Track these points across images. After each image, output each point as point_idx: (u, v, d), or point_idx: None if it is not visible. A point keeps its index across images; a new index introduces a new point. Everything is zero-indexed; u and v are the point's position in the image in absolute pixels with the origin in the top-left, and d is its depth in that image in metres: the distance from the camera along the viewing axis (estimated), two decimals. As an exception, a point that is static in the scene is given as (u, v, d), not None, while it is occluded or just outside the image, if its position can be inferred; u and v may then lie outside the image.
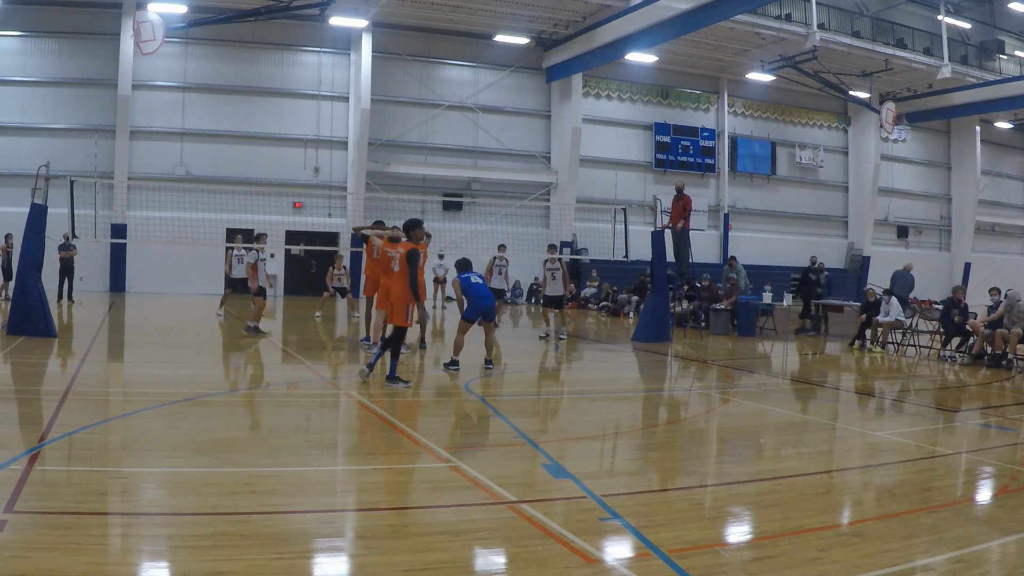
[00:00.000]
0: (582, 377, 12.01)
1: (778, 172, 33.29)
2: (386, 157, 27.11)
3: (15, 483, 4.73)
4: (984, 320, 13.60)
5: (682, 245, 16.73)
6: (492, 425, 7.49)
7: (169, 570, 3.75)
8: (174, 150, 25.16)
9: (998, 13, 32.62)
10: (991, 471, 6.27)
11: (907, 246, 36.16)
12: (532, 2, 25.15)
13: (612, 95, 30.30)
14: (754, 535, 4.61)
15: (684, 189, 17.02)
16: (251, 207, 22.27)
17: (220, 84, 25.56)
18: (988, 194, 37.22)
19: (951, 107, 32.43)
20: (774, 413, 8.61)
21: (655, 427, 8.00)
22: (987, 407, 9.55)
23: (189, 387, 8.53)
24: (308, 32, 26.08)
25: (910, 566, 4.05)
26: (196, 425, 6.92)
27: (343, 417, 7.96)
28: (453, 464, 5.75)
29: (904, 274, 18.36)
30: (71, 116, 24.09)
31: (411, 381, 9.38)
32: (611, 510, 4.75)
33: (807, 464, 6.46)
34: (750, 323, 17.85)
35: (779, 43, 27.11)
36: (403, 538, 4.26)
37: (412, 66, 27.48)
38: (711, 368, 12.44)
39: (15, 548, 3.80)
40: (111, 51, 23.93)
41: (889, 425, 8.33)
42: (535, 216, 28.71)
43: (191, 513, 4.53)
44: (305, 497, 5.03)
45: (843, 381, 11.97)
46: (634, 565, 4.00)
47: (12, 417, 6.98)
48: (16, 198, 20.65)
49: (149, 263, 24.04)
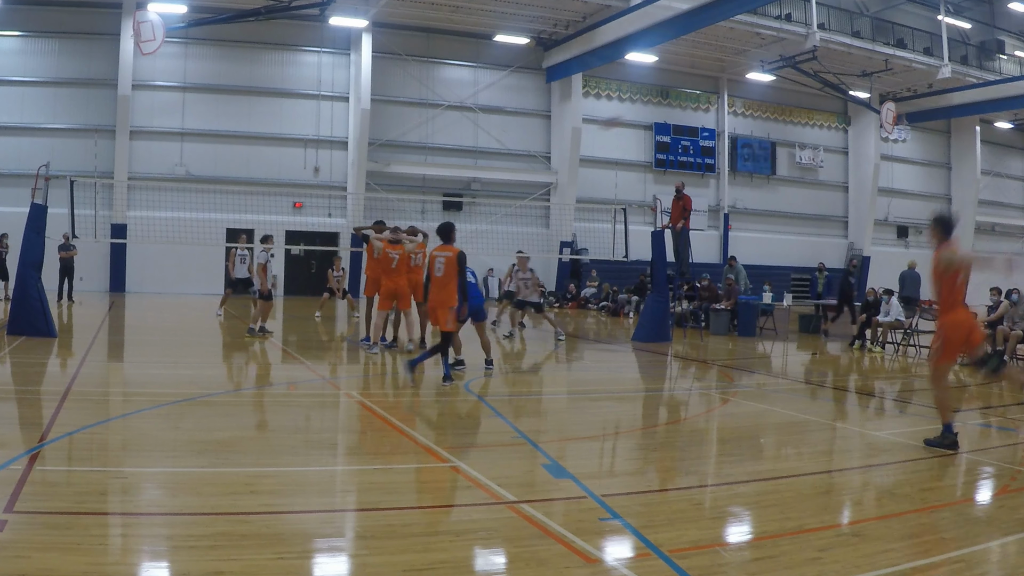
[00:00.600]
0: (582, 377, 12.01)
1: (778, 172, 33.29)
2: (386, 157, 27.11)
3: (15, 483, 4.73)
4: (984, 320, 13.59)
5: (682, 245, 16.73)
6: (492, 425, 7.49)
7: (169, 570, 3.75)
8: (174, 150, 25.16)
9: (998, 13, 32.61)
10: (991, 471, 6.27)
11: (907, 246, 36.14)
12: (532, 2, 25.15)
13: (612, 95, 30.29)
14: (754, 535, 4.61)
15: (684, 189, 17.02)
16: (251, 207, 22.29)
17: (220, 84, 25.56)
18: (988, 194, 37.21)
19: (951, 107, 32.42)
20: (774, 413, 8.61)
21: (655, 427, 8.00)
22: (987, 407, 9.55)
23: (189, 387, 8.53)
24: (308, 32, 26.08)
25: (910, 566, 4.05)
26: (196, 425, 6.92)
27: (343, 417, 7.96)
28: (453, 464, 5.75)
29: (911, 273, 18.32)
30: (71, 116, 24.09)
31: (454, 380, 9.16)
32: (611, 510, 4.75)
33: (807, 464, 6.46)
34: (750, 323, 17.87)
35: (779, 43, 27.10)
36: (403, 538, 4.25)
37: (412, 66, 27.48)
38: (711, 368, 12.44)
39: (15, 548, 3.79)
40: (111, 51, 23.93)
41: (889, 425, 8.32)
42: (535, 216, 28.71)
43: (191, 513, 4.53)
44: (305, 497, 5.03)
45: (843, 381, 11.97)
46: (634, 565, 3.99)
47: (12, 417, 6.98)
48: (16, 198, 20.64)
49: (149, 263, 24.03)
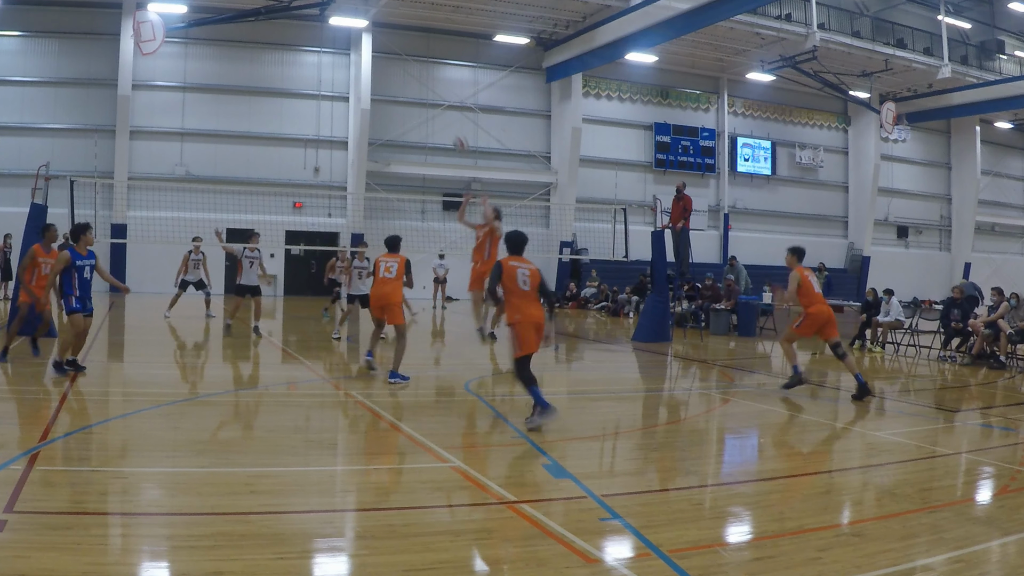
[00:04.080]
0: (582, 377, 12.00)
1: (778, 172, 33.28)
2: (386, 157, 27.11)
3: (15, 483, 4.72)
4: (984, 320, 13.60)
5: (682, 245, 16.73)
6: (492, 425, 7.49)
7: (169, 570, 3.75)
8: (174, 150, 25.16)
9: (998, 13, 32.62)
10: (991, 471, 6.27)
11: (907, 246, 36.17)
12: (532, 2, 25.15)
13: (612, 95, 30.29)
14: (754, 535, 4.61)
15: (684, 189, 17.03)
16: (251, 207, 22.25)
17: (220, 84, 25.56)
18: (988, 194, 37.20)
19: (951, 107, 32.41)
20: (774, 413, 8.61)
21: (655, 427, 7.99)
22: (987, 407, 9.55)
23: (189, 387, 8.53)
24: (308, 32, 26.08)
25: (910, 566, 4.05)
26: (196, 425, 6.92)
27: (343, 417, 7.95)
28: (453, 464, 5.75)
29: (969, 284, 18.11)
30: (71, 116, 24.08)
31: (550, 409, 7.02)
32: (611, 510, 4.74)
33: (807, 464, 6.46)
34: (750, 323, 17.87)
35: (779, 43, 27.11)
36: (403, 538, 4.25)
37: (412, 66, 27.48)
38: (711, 368, 12.44)
39: (15, 548, 3.79)
40: (111, 51, 23.93)
41: (889, 425, 8.32)
42: (535, 216, 28.70)
43: (191, 513, 4.53)
44: (305, 497, 5.03)
45: (843, 381, 11.96)
46: (634, 565, 3.99)
47: (12, 417, 6.98)
48: (16, 198, 20.65)
49: (149, 263, 23.98)
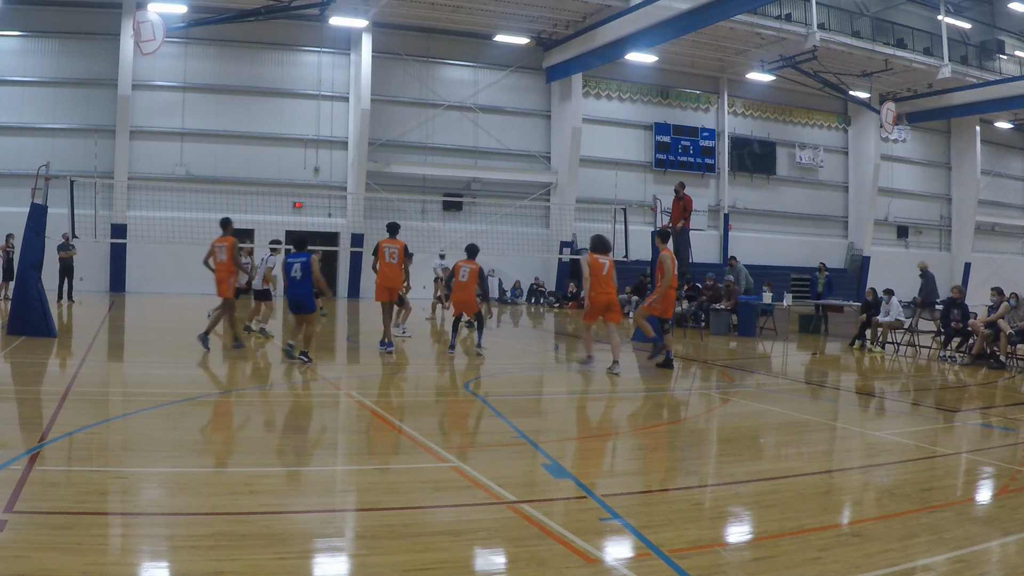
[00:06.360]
0: (582, 377, 11.99)
1: (778, 172, 33.30)
2: (386, 157, 27.11)
3: (15, 483, 4.72)
4: (984, 320, 13.60)
5: (682, 245, 16.71)
6: (492, 425, 7.48)
7: (169, 570, 3.75)
8: (174, 150, 25.16)
9: (998, 13, 32.63)
10: (991, 471, 6.27)
11: (907, 246, 36.16)
12: (532, 2, 25.15)
13: (612, 95, 30.30)
14: (754, 535, 4.60)
15: (684, 189, 17.01)
16: (251, 207, 22.28)
17: (220, 84, 25.57)
18: (988, 194, 37.23)
19: (951, 107, 32.44)
20: (774, 413, 8.61)
21: (655, 427, 7.99)
22: (987, 407, 9.55)
23: (189, 387, 8.53)
24: (308, 32, 26.09)
25: (910, 566, 4.04)
26: (196, 425, 6.92)
27: (343, 417, 7.95)
28: (453, 464, 5.74)
29: (929, 274, 18.32)
30: (71, 116, 24.09)
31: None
32: (611, 510, 4.74)
33: (807, 464, 6.45)
34: (750, 323, 17.86)
35: (779, 43, 27.12)
36: (403, 538, 4.25)
37: (412, 66, 27.48)
38: (711, 368, 12.44)
39: (15, 548, 3.79)
40: (111, 51, 23.94)
41: (889, 425, 8.32)
42: (535, 216, 28.71)
43: (191, 513, 4.53)
44: (305, 497, 5.03)
45: (843, 381, 11.97)
46: (634, 565, 3.99)
47: (12, 417, 6.97)
48: (16, 198, 20.66)
49: (149, 263, 24.04)
